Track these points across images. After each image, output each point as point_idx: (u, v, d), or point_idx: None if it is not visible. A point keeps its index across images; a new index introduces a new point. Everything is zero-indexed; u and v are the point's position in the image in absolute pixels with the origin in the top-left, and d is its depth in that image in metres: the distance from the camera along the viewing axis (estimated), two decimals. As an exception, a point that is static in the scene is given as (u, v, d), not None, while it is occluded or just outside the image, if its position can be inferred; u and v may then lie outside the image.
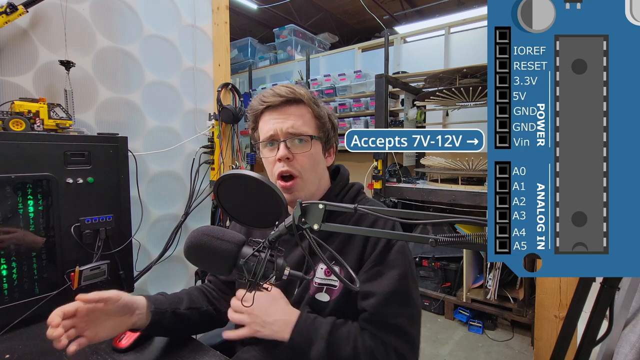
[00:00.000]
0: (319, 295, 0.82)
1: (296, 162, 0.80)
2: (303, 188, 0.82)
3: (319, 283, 0.82)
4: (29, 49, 1.26)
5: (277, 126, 0.80)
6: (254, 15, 5.53)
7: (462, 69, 2.34)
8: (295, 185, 0.81)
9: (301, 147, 0.81)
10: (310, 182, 0.83)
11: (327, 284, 0.82)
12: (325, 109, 0.87)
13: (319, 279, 0.83)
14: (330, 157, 0.90)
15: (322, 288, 0.82)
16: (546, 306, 1.82)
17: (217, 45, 1.92)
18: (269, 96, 0.81)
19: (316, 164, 0.84)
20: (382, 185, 2.57)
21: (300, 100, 0.82)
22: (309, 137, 0.81)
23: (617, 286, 0.62)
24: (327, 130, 0.86)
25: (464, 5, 4.70)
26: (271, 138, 0.81)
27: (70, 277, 1.04)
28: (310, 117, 0.83)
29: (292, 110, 0.81)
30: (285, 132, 0.80)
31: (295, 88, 0.82)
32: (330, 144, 0.89)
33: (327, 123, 0.86)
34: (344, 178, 0.92)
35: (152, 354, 0.84)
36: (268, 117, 0.82)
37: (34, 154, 1.03)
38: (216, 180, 0.64)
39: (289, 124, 0.80)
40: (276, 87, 0.83)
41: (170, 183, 1.75)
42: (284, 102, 0.81)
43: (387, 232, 0.62)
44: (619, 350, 0.83)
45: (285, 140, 0.80)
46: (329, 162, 0.90)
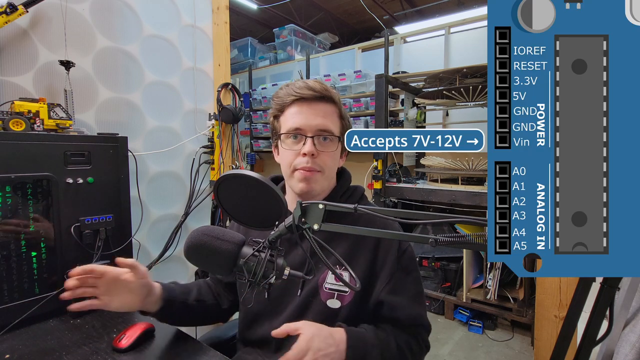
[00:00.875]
0: (330, 302, 0.81)
1: (319, 159, 0.81)
2: (320, 182, 0.83)
3: (330, 289, 0.82)
4: (29, 49, 1.26)
5: (307, 121, 0.80)
6: (254, 15, 5.53)
7: (462, 69, 2.34)
8: (315, 176, 0.81)
9: (327, 146, 0.81)
10: (328, 178, 0.85)
11: (338, 290, 0.81)
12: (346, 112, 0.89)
13: (329, 284, 0.82)
14: (343, 159, 0.91)
15: (334, 294, 0.81)
16: (546, 306, 1.82)
17: (217, 45, 1.92)
18: (302, 88, 0.80)
19: (335, 163, 0.85)
20: (382, 185, 2.57)
21: (331, 99, 0.82)
22: (337, 137, 0.82)
23: (617, 286, 0.62)
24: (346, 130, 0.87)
25: (464, 5, 4.70)
26: (298, 131, 0.80)
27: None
28: (337, 117, 0.84)
29: (323, 107, 0.81)
30: (314, 129, 0.80)
31: (328, 86, 0.83)
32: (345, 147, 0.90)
33: (348, 126, 0.87)
34: (348, 180, 0.93)
35: (152, 354, 0.84)
36: (297, 110, 0.81)
37: (34, 154, 1.03)
38: (216, 180, 0.64)
39: (319, 121, 0.80)
40: (309, 80, 0.83)
41: (170, 183, 1.75)
42: (316, 98, 0.81)
43: (387, 232, 0.62)
44: (619, 350, 0.83)
45: (313, 137, 0.80)
46: (341, 163, 0.90)
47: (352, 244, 0.82)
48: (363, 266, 0.81)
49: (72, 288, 0.74)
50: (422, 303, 0.83)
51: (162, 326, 0.95)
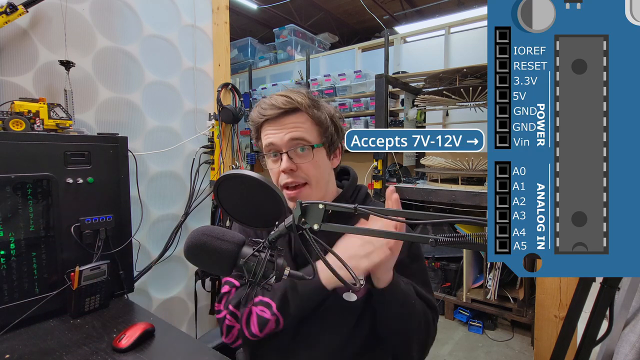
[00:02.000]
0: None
1: (300, 171, 0.80)
2: (310, 195, 0.81)
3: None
4: (29, 49, 1.26)
5: (278, 138, 0.80)
6: (254, 15, 5.53)
7: (462, 69, 2.34)
8: (302, 192, 0.81)
9: (304, 157, 0.80)
10: (317, 187, 0.83)
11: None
12: (327, 110, 0.86)
13: None
14: (337, 158, 0.90)
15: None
16: (546, 306, 1.82)
17: (217, 45, 1.92)
18: (267, 109, 0.81)
19: (322, 170, 0.83)
20: (382, 185, 2.57)
21: (297, 109, 0.81)
22: (310, 146, 0.80)
23: (617, 286, 0.62)
24: (329, 134, 0.84)
25: (464, 5, 4.70)
26: (272, 148, 0.82)
27: (70, 277, 1.04)
28: (310, 124, 0.82)
29: (291, 120, 0.81)
30: (285, 143, 0.80)
31: (292, 96, 0.81)
32: (335, 146, 0.88)
33: (330, 127, 0.84)
34: (355, 180, 0.93)
35: (152, 354, 0.84)
36: (268, 130, 0.82)
37: (34, 154, 1.03)
38: (216, 180, 0.64)
39: (290, 134, 0.79)
40: (273, 96, 0.82)
41: (170, 183, 1.75)
42: (282, 114, 0.81)
43: (387, 232, 0.62)
44: (619, 350, 0.83)
45: (287, 152, 0.79)
46: (335, 163, 0.89)
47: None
48: None
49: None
50: (430, 290, 0.86)
51: (162, 326, 0.96)
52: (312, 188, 0.82)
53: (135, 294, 1.27)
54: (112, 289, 1.17)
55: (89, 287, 1.06)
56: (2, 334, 0.92)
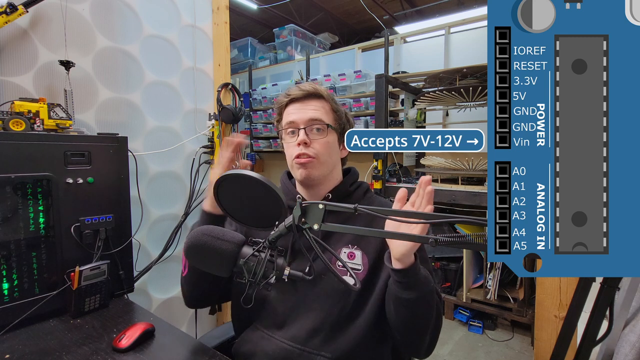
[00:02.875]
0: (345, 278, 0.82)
1: (313, 147, 0.88)
2: (317, 167, 0.88)
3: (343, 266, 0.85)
4: (29, 49, 1.26)
5: (299, 115, 0.89)
6: (254, 15, 5.53)
7: (462, 69, 2.34)
8: (311, 163, 0.87)
9: (319, 135, 0.89)
10: (325, 164, 0.90)
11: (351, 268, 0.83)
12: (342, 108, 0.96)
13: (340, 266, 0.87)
14: (345, 149, 0.96)
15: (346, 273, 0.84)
16: (546, 306, 1.82)
17: (217, 45, 1.92)
18: (294, 90, 0.92)
19: (331, 151, 0.91)
20: (382, 185, 2.57)
21: (320, 95, 0.92)
22: (326, 125, 0.89)
23: (617, 286, 0.62)
24: (343, 123, 0.94)
25: (464, 5, 4.70)
26: (292, 125, 0.90)
27: (70, 277, 1.04)
28: (329, 109, 0.92)
29: (313, 102, 0.91)
30: (305, 120, 0.88)
31: (317, 86, 0.93)
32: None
33: (344, 117, 0.95)
34: (356, 175, 1.01)
35: (152, 354, 0.84)
36: (292, 108, 0.92)
37: (34, 154, 1.03)
38: (216, 180, 0.64)
39: (310, 113, 0.89)
40: (300, 84, 0.94)
41: (170, 183, 1.75)
42: (307, 96, 0.91)
43: (387, 232, 0.62)
44: (619, 350, 0.83)
45: (305, 128, 0.88)
46: (344, 154, 0.96)
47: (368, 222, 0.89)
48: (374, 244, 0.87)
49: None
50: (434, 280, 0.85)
51: (162, 326, 0.96)
52: (320, 163, 0.89)
53: (135, 294, 1.27)
54: (112, 289, 1.17)
55: (89, 287, 1.06)
56: (2, 334, 0.92)
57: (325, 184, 0.93)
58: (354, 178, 0.99)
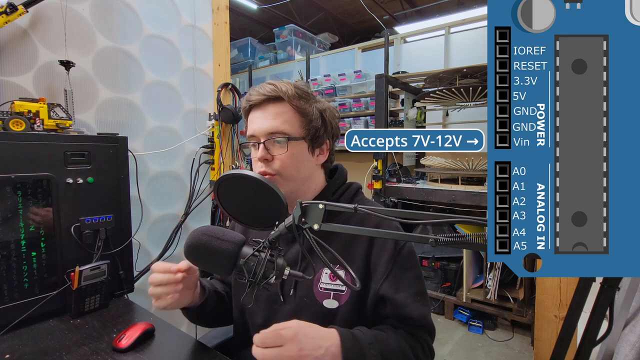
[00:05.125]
0: (327, 302, 0.79)
1: (274, 163, 0.79)
2: (283, 184, 0.79)
3: (325, 288, 0.80)
4: (29, 49, 1.26)
5: (258, 125, 0.80)
6: (254, 15, 5.53)
7: (462, 69, 2.34)
8: (274, 181, 0.79)
9: (279, 148, 0.79)
10: (291, 179, 0.80)
11: (334, 290, 0.79)
12: (320, 105, 0.84)
13: (324, 284, 0.80)
14: (323, 154, 0.86)
15: (329, 294, 0.79)
16: (546, 306, 1.82)
17: (217, 45, 1.92)
18: (254, 94, 0.81)
19: (299, 163, 0.81)
20: (382, 185, 2.57)
21: (280, 98, 0.79)
22: (286, 138, 0.78)
23: (617, 286, 0.62)
24: (314, 127, 0.82)
25: (464, 5, 4.70)
26: (252, 138, 0.81)
27: (70, 277, 1.04)
28: (291, 114, 0.80)
29: (273, 108, 0.80)
30: (263, 133, 0.79)
31: (278, 85, 0.80)
32: (321, 142, 0.85)
33: (316, 119, 0.82)
34: (342, 176, 0.91)
35: (152, 354, 0.84)
36: (252, 116, 0.82)
37: (34, 154, 1.03)
38: (216, 180, 0.64)
39: (269, 123, 0.79)
40: (263, 84, 0.82)
41: (170, 183, 1.74)
42: (265, 101, 0.80)
43: (387, 232, 0.62)
44: (619, 350, 0.83)
45: (264, 142, 0.79)
46: (321, 160, 0.86)
47: (348, 240, 0.80)
48: (359, 262, 0.79)
49: (156, 284, 0.75)
50: (424, 302, 0.79)
51: (162, 326, 0.96)
52: (284, 179, 0.80)
53: (135, 294, 1.27)
54: (112, 289, 1.17)
55: (89, 287, 1.06)
56: (2, 334, 0.92)
57: (303, 196, 0.83)
58: (339, 182, 0.89)
